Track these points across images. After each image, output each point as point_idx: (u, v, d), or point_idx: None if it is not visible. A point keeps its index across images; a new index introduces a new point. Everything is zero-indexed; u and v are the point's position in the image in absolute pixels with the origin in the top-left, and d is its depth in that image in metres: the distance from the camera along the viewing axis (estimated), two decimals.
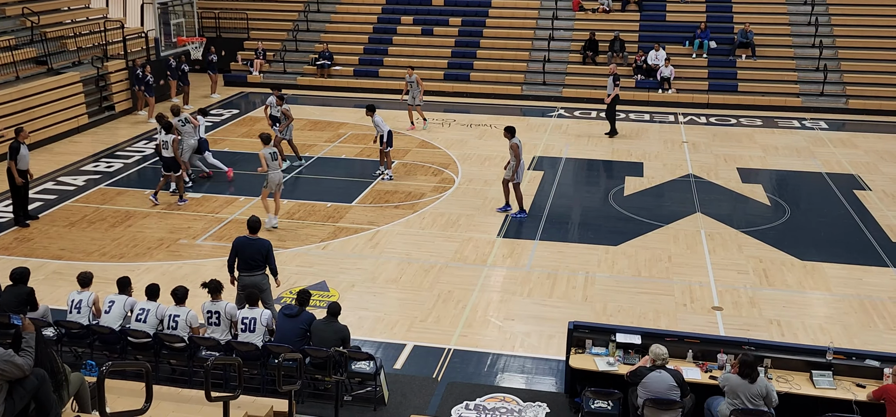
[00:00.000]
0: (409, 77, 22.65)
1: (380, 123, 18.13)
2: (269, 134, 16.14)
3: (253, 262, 10.94)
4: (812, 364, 9.36)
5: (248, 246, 11.00)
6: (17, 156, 14.95)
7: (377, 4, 31.37)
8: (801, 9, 29.06)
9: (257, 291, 10.45)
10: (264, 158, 15.10)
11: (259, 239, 11.13)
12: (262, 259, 10.96)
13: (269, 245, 11.09)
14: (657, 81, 26.76)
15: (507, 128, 15.98)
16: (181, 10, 25.96)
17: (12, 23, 23.16)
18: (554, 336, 11.44)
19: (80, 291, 10.44)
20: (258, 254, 10.93)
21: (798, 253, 14.50)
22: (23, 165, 15.06)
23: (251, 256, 10.94)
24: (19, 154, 14.97)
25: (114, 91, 24.01)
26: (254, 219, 11.30)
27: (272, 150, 15.33)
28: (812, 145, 21.94)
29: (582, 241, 15.02)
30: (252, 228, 11.22)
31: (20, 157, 14.99)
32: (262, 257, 10.95)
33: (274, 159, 15.24)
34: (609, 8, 29.98)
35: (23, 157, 15.04)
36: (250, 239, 11.07)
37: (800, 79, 26.74)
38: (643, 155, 20.68)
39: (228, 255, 11.12)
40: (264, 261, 10.99)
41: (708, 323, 11.95)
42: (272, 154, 15.25)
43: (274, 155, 15.30)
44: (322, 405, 9.64)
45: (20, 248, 14.42)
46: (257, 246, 11.00)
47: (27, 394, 6.46)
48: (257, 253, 10.94)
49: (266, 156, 15.10)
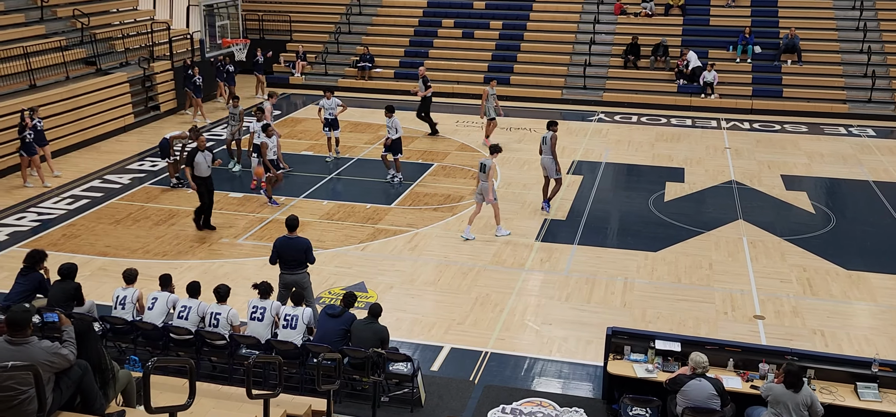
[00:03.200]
0: (491, 89, 21.32)
1: (397, 125, 17.83)
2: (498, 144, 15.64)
3: (294, 261, 11.07)
4: (857, 376, 9.19)
5: (288, 245, 11.13)
6: (194, 161, 14.76)
7: (418, 7, 31.50)
8: (848, 14, 28.52)
9: (300, 289, 10.57)
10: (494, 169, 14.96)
11: (298, 237, 11.23)
12: (302, 257, 11.08)
13: (307, 243, 11.20)
14: (700, 86, 26.46)
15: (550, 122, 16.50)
16: (226, 12, 26.34)
17: (63, 24, 23.71)
18: (592, 341, 11.38)
19: (124, 287, 10.65)
20: (298, 252, 11.06)
21: (843, 263, 14.24)
22: (200, 172, 14.80)
23: (292, 255, 11.07)
24: (195, 160, 14.76)
25: (159, 91, 24.44)
26: (292, 218, 11.41)
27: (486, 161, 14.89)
28: (859, 152, 21.51)
29: (621, 247, 14.92)
30: (290, 227, 11.33)
31: (196, 164, 14.75)
32: (302, 255, 11.07)
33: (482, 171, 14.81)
34: (652, 12, 29.73)
35: (199, 164, 14.77)
36: (289, 238, 11.19)
37: (847, 85, 26.24)
38: (684, 160, 20.47)
39: (270, 256, 11.27)
40: (305, 259, 11.10)
41: (749, 332, 11.79)
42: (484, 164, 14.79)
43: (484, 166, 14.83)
44: (359, 405, 9.71)
45: (68, 244, 14.74)
46: (296, 244, 11.11)
47: (72, 384, 6.62)
48: (297, 251, 11.06)
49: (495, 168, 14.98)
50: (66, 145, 20.27)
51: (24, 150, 17.43)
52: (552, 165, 16.17)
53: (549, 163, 16.17)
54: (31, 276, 10.47)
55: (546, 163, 16.23)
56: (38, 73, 20.95)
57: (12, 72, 20.25)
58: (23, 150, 17.43)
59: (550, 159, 16.11)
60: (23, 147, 17.41)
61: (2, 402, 6.28)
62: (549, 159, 16.14)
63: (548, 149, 16.08)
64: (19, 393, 6.26)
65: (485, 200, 15.08)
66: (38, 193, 17.41)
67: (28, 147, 17.40)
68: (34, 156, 17.57)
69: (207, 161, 14.89)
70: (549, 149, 16.05)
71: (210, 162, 14.98)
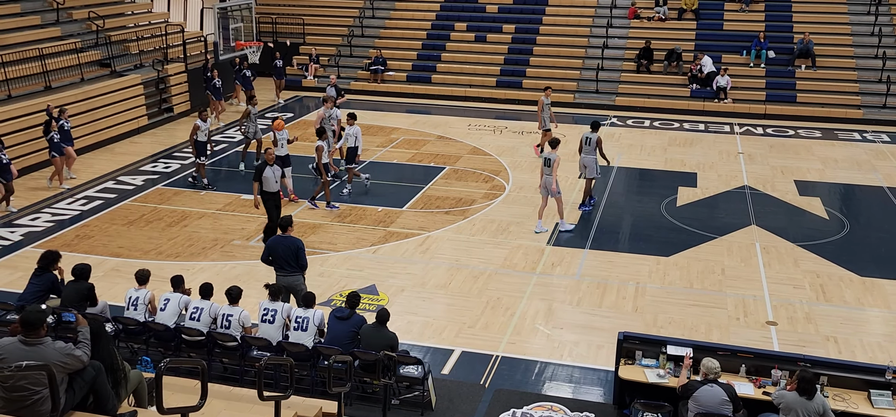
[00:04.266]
0: (547, 99, 20.20)
1: (357, 134, 17.35)
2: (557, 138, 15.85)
3: (286, 262, 11.06)
4: (870, 384, 9.12)
5: (280, 244, 11.13)
6: (262, 176, 14.14)
7: (431, 11, 31.54)
8: (863, 19, 28.36)
9: (296, 293, 10.70)
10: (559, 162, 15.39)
11: (291, 237, 11.22)
12: (293, 257, 11.04)
13: (299, 244, 11.16)
14: (713, 91, 26.36)
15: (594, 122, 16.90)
16: (240, 14, 26.46)
17: (78, 26, 23.88)
18: (603, 346, 11.35)
19: (137, 288, 10.70)
20: (290, 253, 11.04)
21: (857, 269, 14.15)
22: (268, 187, 14.22)
23: (283, 255, 11.06)
24: (264, 175, 14.14)
25: (173, 93, 24.58)
26: (286, 217, 11.49)
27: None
28: (873, 158, 21.38)
29: (633, 251, 14.87)
30: (283, 226, 11.34)
31: (265, 179, 14.14)
32: (293, 255, 11.03)
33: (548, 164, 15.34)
34: (665, 16, 29.66)
35: (267, 179, 14.16)
36: (282, 238, 11.20)
37: (861, 90, 26.08)
38: (697, 165, 20.40)
39: (262, 255, 11.33)
40: (296, 260, 11.06)
41: (762, 338, 11.73)
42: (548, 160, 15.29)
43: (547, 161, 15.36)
44: (370, 407, 9.72)
45: (81, 245, 14.84)
46: (288, 243, 11.10)
47: (86, 385, 6.66)
48: (289, 251, 11.05)
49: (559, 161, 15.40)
50: (81, 146, 20.38)
51: (53, 151, 17.57)
52: (594, 165, 16.64)
53: (592, 163, 16.61)
54: (45, 277, 10.54)
55: (588, 162, 16.63)
56: (54, 75, 21.12)
57: (28, 73, 20.41)
58: (53, 151, 17.57)
59: (593, 159, 16.56)
60: (52, 147, 17.55)
61: (15, 402, 6.33)
62: (592, 159, 16.57)
63: (591, 149, 16.52)
64: (32, 394, 6.30)
65: (549, 193, 15.44)
66: (53, 194, 17.54)
67: (56, 147, 17.54)
68: (63, 155, 17.75)
69: (276, 176, 14.27)
70: (592, 149, 16.51)
71: (278, 176, 14.44)
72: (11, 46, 20.81)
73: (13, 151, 18.31)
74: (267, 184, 14.23)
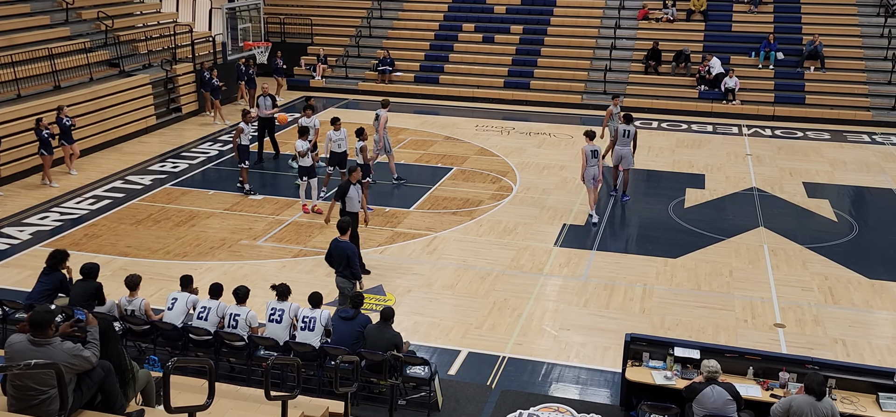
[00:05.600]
0: (616, 108, 19.19)
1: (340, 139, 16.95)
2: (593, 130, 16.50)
3: (339, 265, 11.32)
4: (879, 387, 9.09)
5: (335, 248, 11.35)
6: (346, 197, 13.54)
7: (439, 11, 31.55)
8: (873, 20, 28.23)
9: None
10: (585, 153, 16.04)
11: (344, 242, 11.38)
12: (345, 263, 11.23)
13: (352, 250, 11.31)
14: (721, 92, 26.29)
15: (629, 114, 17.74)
16: (248, 15, 26.52)
17: (87, 26, 23.97)
18: (610, 347, 11.33)
19: (129, 298, 10.59)
20: (342, 258, 11.25)
21: (865, 271, 14.09)
22: (352, 207, 13.58)
23: (337, 259, 11.31)
24: (348, 195, 13.55)
25: (181, 93, 24.64)
26: (341, 221, 11.71)
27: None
28: (882, 160, 21.29)
29: (640, 253, 14.85)
30: (340, 230, 11.56)
31: (349, 199, 13.54)
32: (344, 261, 11.22)
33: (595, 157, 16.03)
34: (673, 17, 29.59)
35: (351, 199, 13.56)
36: (337, 242, 11.40)
37: (871, 92, 25.96)
38: (705, 167, 20.34)
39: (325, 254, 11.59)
40: (346, 266, 11.23)
41: (770, 340, 11.69)
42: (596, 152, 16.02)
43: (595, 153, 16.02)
44: (376, 408, 9.73)
45: (90, 244, 14.89)
46: (341, 248, 11.31)
47: (94, 385, 6.67)
48: (341, 256, 11.26)
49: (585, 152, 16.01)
50: (90, 146, 20.48)
51: (43, 148, 17.73)
52: (630, 156, 17.41)
53: (628, 154, 17.34)
54: (53, 276, 10.59)
55: (625, 153, 17.33)
56: (63, 75, 21.20)
57: (37, 73, 20.50)
58: (43, 148, 17.74)
59: (629, 150, 17.30)
60: (42, 144, 17.72)
61: (23, 401, 6.35)
62: (628, 150, 17.30)
63: (627, 141, 17.22)
64: (40, 393, 6.32)
65: (595, 184, 16.21)
66: (61, 193, 17.61)
67: (46, 144, 17.72)
68: (51, 154, 17.86)
69: (358, 195, 13.81)
70: (628, 141, 17.23)
71: (360, 194, 13.95)
72: (21, 46, 20.91)
73: (22, 151, 18.47)
74: (350, 204, 13.57)
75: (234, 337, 10.06)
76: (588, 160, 15.97)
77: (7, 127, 18.33)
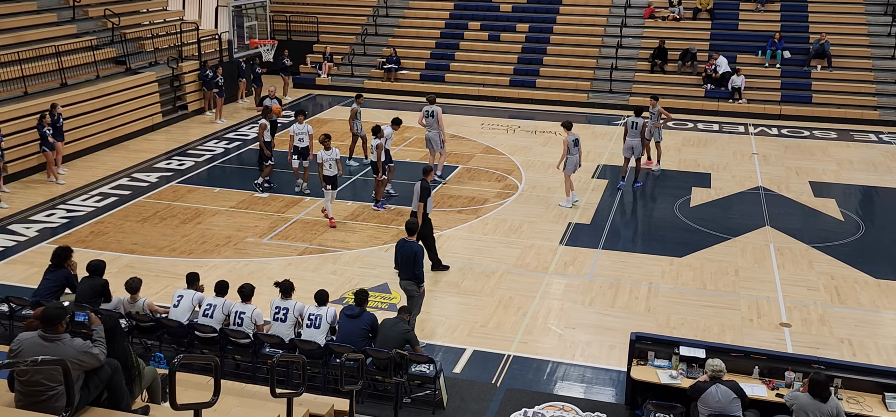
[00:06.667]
0: (653, 108, 19.01)
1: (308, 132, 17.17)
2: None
3: (403, 266, 11.20)
4: (885, 387, 9.06)
5: (401, 248, 11.26)
6: (428, 198, 13.45)
7: (445, 10, 31.53)
8: (880, 19, 28.13)
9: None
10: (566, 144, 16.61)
11: (411, 242, 11.29)
12: (412, 262, 11.09)
13: (418, 249, 11.19)
14: (728, 91, 26.23)
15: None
16: (254, 13, 26.53)
17: (94, 24, 24.02)
18: (615, 346, 11.32)
19: (131, 300, 10.56)
20: (408, 258, 11.13)
21: (872, 271, 14.04)
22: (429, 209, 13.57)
23: (403, 259, 11.19)
24: (429, 196, 13.54)
25: (187, 91, 24.69)
26: (410, 221, 11.67)
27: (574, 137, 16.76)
28: (889, 160, 21.21)
29: (646, 252, 14.82)
30: (407, 230, 11.50)
31: (429, 201, 13.55)
32: (411, 261, 11.10)
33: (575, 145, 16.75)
34: (680, 16, 29.52)
35: (430, 203, 13.61)
36: (404, 241, 11.31)
37: (878, 91, 25.87)
38: (711, 165, 20.30)
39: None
40: (412, 266, 11.10)
41: (775, 340, 11.67)
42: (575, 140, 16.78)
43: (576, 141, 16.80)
44: (381, 406, 9.74)
45: (96, 242, 14.93)
46: (407, 248, 11.19)
47: (101, 383, 6.70)
48: (407, 256, 11.14)
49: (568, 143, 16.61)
50: (96, 143, 20.54)
51: (44, 146, 17.81)
52: (640, 146, 18.11)
53: (639, 145, 18.01)
54: (59, 272, 10.63)
55: (635, 144, 17.97)
56: (69, 72, 21.25)
57: (44, 70, 20.55)
58: (44, 146, 17.81)
59: (639, 141, 17.95)
60: (43, 143, 17.79)
61: (30, 396, 6.37)
62: (638, 141, 17.96)
63: (637, 133, 17.84)
64: (48, 389, 6.34)
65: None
66: (68, 190, 17.66)
67: (47, 142, 17.78)
68: (53, 150, 17.96)
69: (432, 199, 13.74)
70: (638, 133, 17.85)
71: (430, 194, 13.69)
72: (28, 43, 20.96)
73: (28, 148, 18.51)
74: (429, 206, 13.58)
75: (240, 334, 10.09)
76: (570, 149, 16.66)
77: (14, 124, 18.41)
